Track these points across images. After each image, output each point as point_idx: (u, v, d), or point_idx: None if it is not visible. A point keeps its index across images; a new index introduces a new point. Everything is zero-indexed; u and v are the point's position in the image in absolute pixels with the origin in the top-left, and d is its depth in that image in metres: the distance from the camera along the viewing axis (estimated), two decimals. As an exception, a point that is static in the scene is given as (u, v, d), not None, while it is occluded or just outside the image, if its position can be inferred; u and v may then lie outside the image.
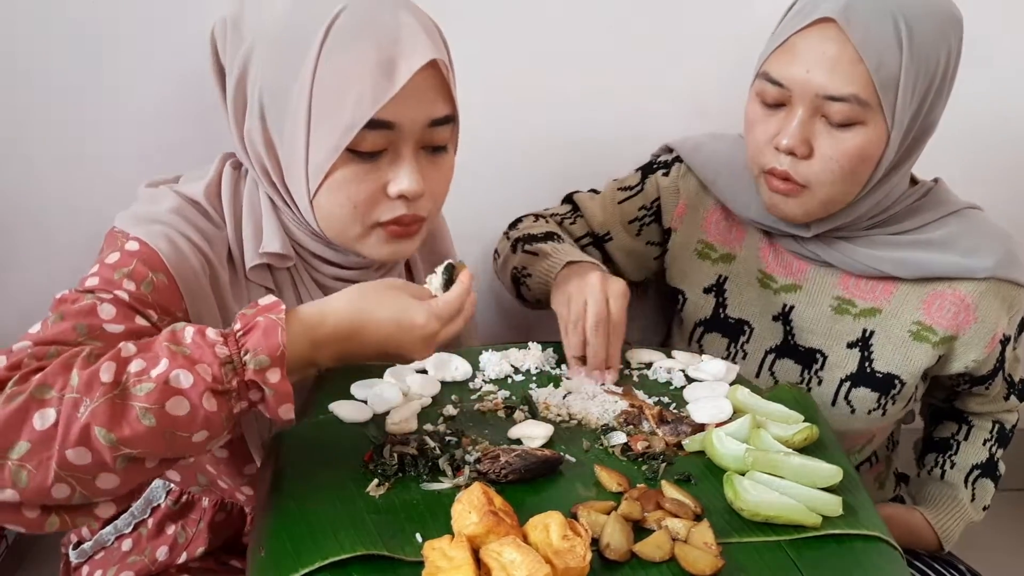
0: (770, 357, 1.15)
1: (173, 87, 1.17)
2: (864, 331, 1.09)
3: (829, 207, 1.01)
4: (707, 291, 1.16)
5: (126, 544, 1.02)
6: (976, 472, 1.19)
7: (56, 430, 0.65)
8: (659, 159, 1.20)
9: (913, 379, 1.09)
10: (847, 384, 1.11)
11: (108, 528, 1.02)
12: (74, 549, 1.05)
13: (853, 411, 1.12)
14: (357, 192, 0.84)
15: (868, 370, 1.10)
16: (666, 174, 1.18)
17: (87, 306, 0.76)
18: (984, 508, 1.20)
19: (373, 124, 0.80)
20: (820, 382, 1.12)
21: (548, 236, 1.14)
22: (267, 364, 0.70)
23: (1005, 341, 1.09)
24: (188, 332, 0.71)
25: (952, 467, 1.20)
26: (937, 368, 1.10)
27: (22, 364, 0.70)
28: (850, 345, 1.10)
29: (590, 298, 0.96)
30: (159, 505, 1.01)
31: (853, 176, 0.97)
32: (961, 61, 0.98)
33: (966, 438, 1.20)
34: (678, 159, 1.18)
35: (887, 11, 0.92)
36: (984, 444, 1.19)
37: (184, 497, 1.01)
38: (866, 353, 1.10)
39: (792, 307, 1.12)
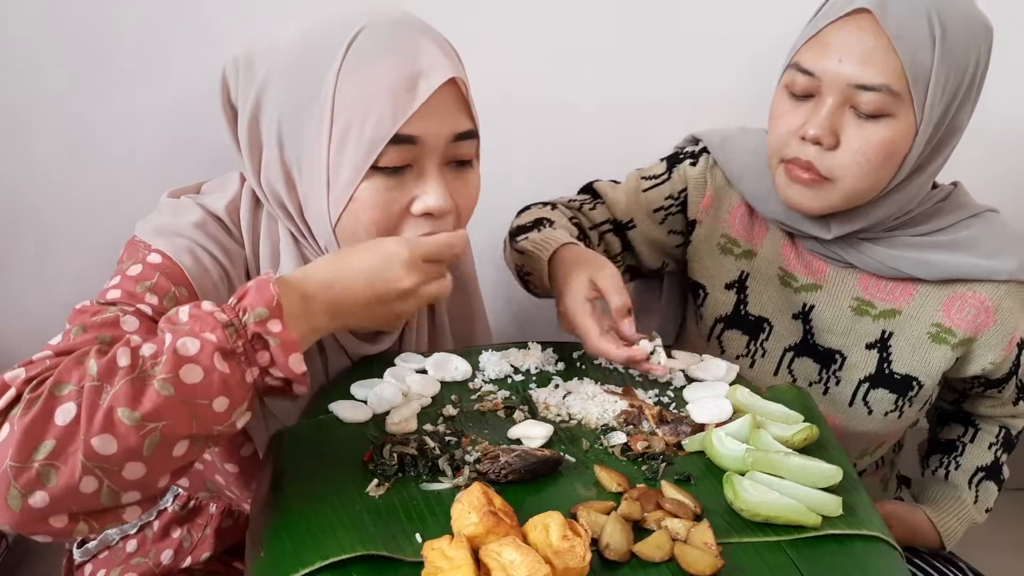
0: (789, 355, 1.15)
1: (180, 88, 1.17)
2: (883, 332, 1.09)
3: (849, 202, 1.00)
4: (729, 287, 1.16)
5: (131, 545, 1.02)
6: (980, 475, 1.19)
7: (79, 422, 0.64)
8: (685, 149, 1.19)
9: (931, 381, 1.09)
10: (865, 385, 1.11)
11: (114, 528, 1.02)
12: (78, 547, 1.05)
13: (870, 412, 1.12)
14: (383, 215, 0.83)
15: (886, 371, 1.10)
16: (693, 164, 1.17)
17: (110, 319, 0.75)
18: (987, 510, 1.20)
19: (397, 139, 0.80)
20: (838, 382, 1.13)
21: (536, 224, 1.10)
22: (266, 315, 0.70)
23: (1023, 344, 1.09)
24: (182, 311, 0.71)
25: (957, 468, 1.20)
26: (954, 370, 1.10)
27: (41, 375, 0.68)
28: (869, 346, 1.10)
29: (600, 278, 0.96)
30: (166, 509, 1.01)
31: (878, 171, 0.97)
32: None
33: (972, 441, 1.20)
34: (705, 150, 1.17)
35: (922, 7, 0.93)
36: (990, 448, 1.19)
37: (192, 502, 1.01)
38: (884, 354, 1.10)
39: (812, 307, 1.12)
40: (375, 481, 0.77)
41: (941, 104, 0.95)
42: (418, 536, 0.71)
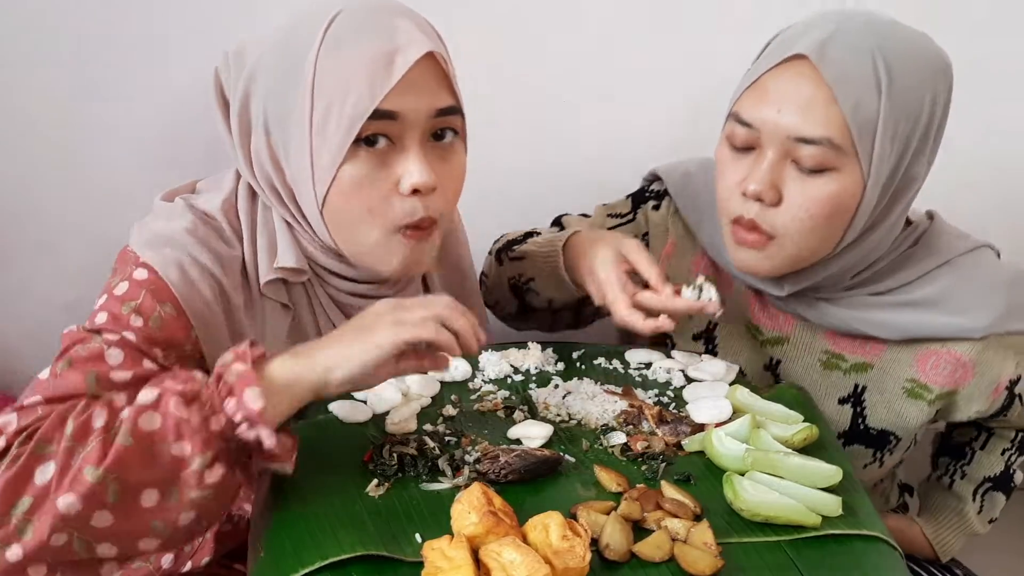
0: None
1: (180, 87, 1.17)
2: (856, 386, 1.03)
3: (797, 263, 0.93)
4: (696, 338, 1.10)
5: None
6: (987, 485, 1.13)
7: (53, 481, 0.67)
8: (650, 188, 1.14)
9: (908, 434, 1.05)
10: (840, 441, 1.05)
11: None
12: None
13: None
14: (369, 195, 0.83)
15: (861, 427, 1.04)
16: (656, 207, 1.11)
17: (95, 351, 0.77)
18: (991, 521, 1.15)
19: (377, 115, 0.80)
20: None
21: (528, 235, 1.10)
22: (230, 360, 0.72)
23: (1014, 383, 1.01)
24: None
25: (963, 478, 1.14)
26: (939, 418, 1.05)
27: (31, 427, 0.71)
28: (842, 401, 1.04)
29: (628, 250, 0.95)
30: None
31: (824, 229, 0.90)
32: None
33: (983, 447, 1.13)
34: (667, 192, 1.12)
35: (866, 50, 0.85)
36: (1003, 454, 1.12)
37: None
38: (859, 409, 1.04)
39: (779, 361, 1.06)
40: (375, 481, 0.77)
41: (892, 156, 0.88)
42: (418, 536, 0.71)
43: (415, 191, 0.83)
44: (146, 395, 0.70)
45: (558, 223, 1.21)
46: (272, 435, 0.70)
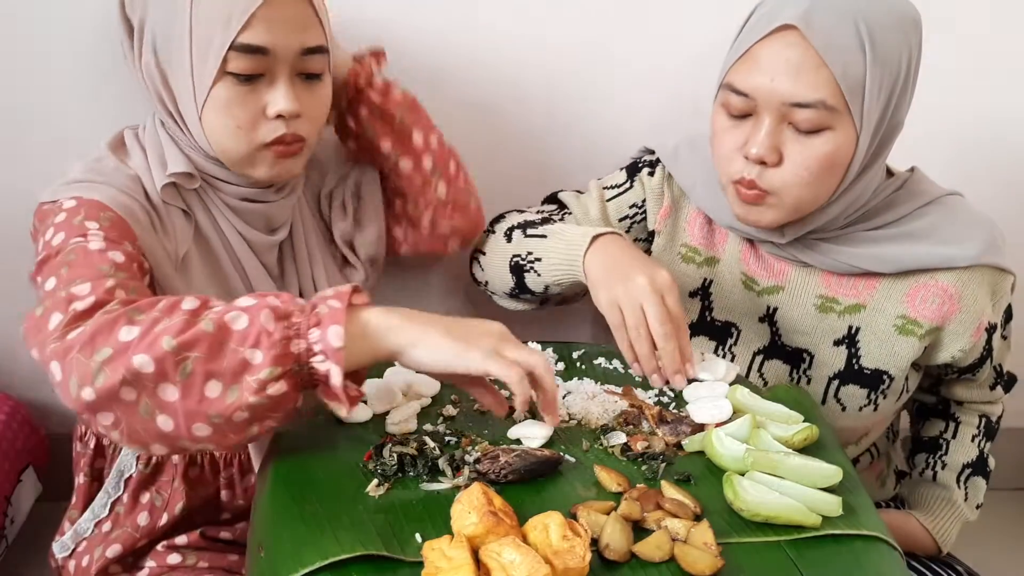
0: (759, 358, 1.14)
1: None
2: (850, 328, 1.09)
3: (800, 211, 1.00)
4: (693, 295, 1.15)
5: (106, 526, 1.04)
6: (968, 471, 1.18)
7: (134, 340, 0.74)
8: (643, 159, 1.19)
9: (901, 373, 1.09)
10: (835, 382, 1.11)
11: (86, 515, 1.04)
12: (56, 543, 1.06)
13: (844, 408, 1.12)
14: (239, 114, 0.92)
15: (856, 367, 1.10)
16: (651, 174, 1.16)
17: (76, 248, 0.84)
18: (977, 507, 1.19)
19: (248, 49, 0.89)
20: (809, 381, 1.12)
21: (546, 220, 1.12)
22: (330, 294, 0.77)
23: (991, 329, 1.09)
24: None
25: (944, 468, 1.19)
26: (924, 358, 1.10)
27: (115, 290, 0.80)
28: (836, 343, 1.10)
29: (647, 303, 0.94)
30: (131, 476, 1.02)
31: (824, 181, 0.97)
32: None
33: (954, 436, 1.19)
34: (659, 160, 1.17)
35: (848, 15, 0.91)
36: (973, 440, 1.19)
37: (153, 459, 1.02)
38: (853, 350, 1.09)
39: (776, 308, 1.11)
40: (375, 481, 0.77)
41: (878, 108, 0.95)
42: (418, 536, 0.71)
43: (279, 116, 0.92)
44: (245, 299, 0.77)
45: (553, 199, 1.23)
46: (340, 374, 0.74)
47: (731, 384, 0.94)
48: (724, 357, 1.15)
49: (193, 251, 0.98)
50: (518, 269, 1.11)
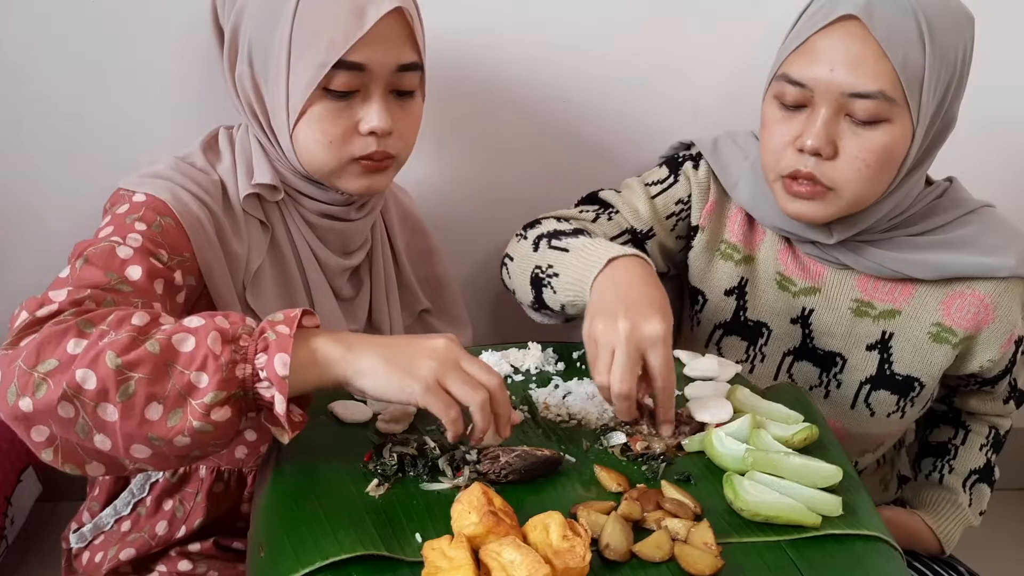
0: (788, 359, 1.14)
1: (181, 86, 1.17)
2: (884, 333, 1.09)
3: (854, 208, 0.99)
4: (728, 293, 1.14)
5: (125, 525, 1.03)
6: (974, 477, 1.19)
7: (79, 355, 0.72)
8: (682, 152, 1.17)
9: (933, 380, 1.09)
10: (867, 387, 1.11)
11: (108, 511, 1.03)
12: (74, 534, 1.05)
13: (873, 414, 1.12)
14: (332, 129, 0.92)
15: (888, 372, 1.09)
16: (696, 167, 1.14)
17: (106, 248, 0.83)
18: (981, 513, 1.20)
19: (346, 65, 0.89)
20: (839, 385, 1.12)
21: (577, 232, 1.05)
22: (280, 319, 0.76)
23: (1020, 342, 1.09)
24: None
25: (951, 472, 1.19)
26: (953, 368, 1.10)
27: (83, 302, 0.77)
28: (869, 347, 1.10)
29: (618, 350, 0.84)
30: (158, 480, 1.01)
31: (879, 175, 0.96)
32: (978, 62, 0.99)
33: (963, 443, 1.20)
34: (701, 155, 1.15)
35: (908, 8, 0.92)
36: (981, 449, 1.19)
37: (181, 468, 1.01)
38: (885, 355, 1.09)
39: (811, 310, 1.11)
40: (375, 481, 0.77)
41: (934, 102, 0.95)
42: (418, 536, 0.71)
43: (371, 132, 0.92)
44: (192, 320, 0.75)
45: (595, 200, 1.17)
46: (284, 403, 0.73)
47: (731, 384, 0.94)
48: (754, 357, 1.15)
49: (267, 265, 0.99)
50: (537, 282, 1.04)
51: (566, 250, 1.00)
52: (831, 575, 0.72)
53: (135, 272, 0.83)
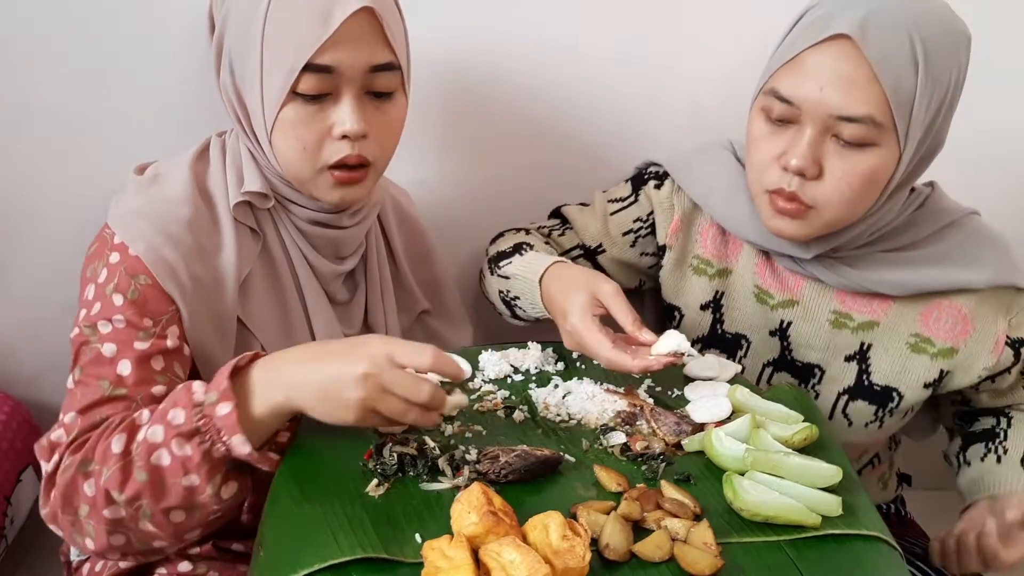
0: (768, 371, 1.13)
1: (181, 86, 1.17)
2: (862, 344, 1.07)
3: (833, 227, 0.98)
4: (704, 307, 1.13)
5: None
6: None
7: (96, 497, 0.80)
8: (648, 170, 1.16)
9: (912, 392, 1.07)
10: (844, 397, 1.09)
11: None
12: (73, 548, 1.05)
13: (850, 424, 1.10)
14: (305, 134, 0.90)
15: (866, 383, 1.08)
16: (658, 186, 1.14)
17: (95, 354, 0.86)
18: None
19: (313, 68, 0.87)
20: (817, 396, 1.11)
21: (516, 249, 1.10)
22: (215, 399, 0.78)
23: (1016, 344, 1.05)
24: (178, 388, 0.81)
25: (1006, 452, 1.13)
26: (947, 384, 1.08)
27: (78, 440, 0.83)
28: (848, 358, 1.08)
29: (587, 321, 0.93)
30: None
31: (862, 197, 0.94)
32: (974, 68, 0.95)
33: (1009, 426, 1.14)
34: (667, 173, 1.14)
35: (903, 29, 0.88)
36: None
37: None
38: (864, 366, 1.08)
39: (790, 323, 1.09)
40: (375, 481, 0.77)
41: (923, 126, 0.92)
42: (418, 536, 0.71)
43: (344, 136, 0.90)
44: (154, 433, 0.79)
45: (557, 214, 1.22)
46: (266, 462, 0.79)
47: (731, 383, 0.94)
48: None
49: (257, 272, 0.98)
50: (506, 303, 1.12)
51: (507, 277, 1.08)
52: (831, 575, 0.72)
53: (125, 368, 0.86)
